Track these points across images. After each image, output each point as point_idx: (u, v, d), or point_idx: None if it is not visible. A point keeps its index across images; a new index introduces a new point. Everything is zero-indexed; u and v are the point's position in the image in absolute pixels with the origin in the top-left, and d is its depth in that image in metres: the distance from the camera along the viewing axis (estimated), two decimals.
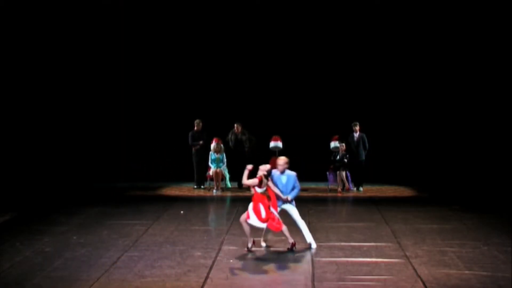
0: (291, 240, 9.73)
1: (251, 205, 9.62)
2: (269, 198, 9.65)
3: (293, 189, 10.11)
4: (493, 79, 17.14)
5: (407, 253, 9.57)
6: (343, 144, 15.95)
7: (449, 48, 17.44)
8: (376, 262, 9.11)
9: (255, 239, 9.86)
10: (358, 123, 16.21)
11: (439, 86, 17.69)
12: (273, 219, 9.52)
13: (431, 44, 17.51)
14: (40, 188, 15.66)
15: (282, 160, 10.14)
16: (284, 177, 10.07)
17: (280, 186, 10.05)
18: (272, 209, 9.58)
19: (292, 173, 10.16)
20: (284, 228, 9.68)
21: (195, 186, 16.58)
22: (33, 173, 16.48)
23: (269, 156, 16.58)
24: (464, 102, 17.46)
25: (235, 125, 16.51)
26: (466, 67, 17.37)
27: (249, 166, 9.69)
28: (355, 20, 17.62)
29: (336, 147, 16.04)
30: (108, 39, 17.73)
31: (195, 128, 16.51)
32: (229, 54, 17.97)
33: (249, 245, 9.70)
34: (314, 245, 9.94)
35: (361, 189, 16.09)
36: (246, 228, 9.69)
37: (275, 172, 10.00)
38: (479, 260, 9.17)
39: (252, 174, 9.77)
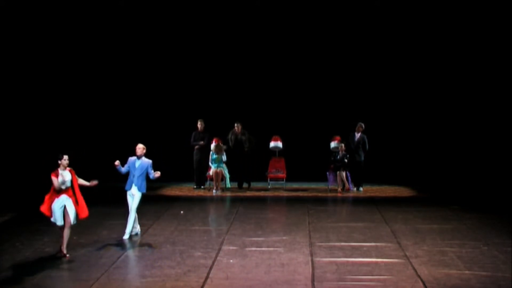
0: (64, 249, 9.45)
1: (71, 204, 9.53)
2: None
3: (146, 175, 10.72)
4: (493, 79, 17.14)
5: (407, 253, 9.57)
6: (343, 144, 15.94)
7: (449, 48, 17.44)
8: (376, 262, 9.11)
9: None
10: (362, 124, 16.20)
11: (438, 86, 17.69)
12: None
13: (431, 44, 17.51)
14: (40, 188, 15.62)
15: (140, 145, 10.77)
16: (138, 161, 10.71)
17: (132, 168, 10.71)
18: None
19: (148, 161, 10.75)
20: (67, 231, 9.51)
21: (195, 186, 16.58)
22: (33, 173, 16.46)
23: (269, 156, 16.82)
24: (463, 102, 17.46)
25: (235, 124, 16.52)
26: (466, 67, 17.37)
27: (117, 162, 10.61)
28: (356, 21, 17.61)
29: (336, 147, 16.04)
30: (109, 40, 17.71)
31: (198, 128, 16.51)
32: (230, 54, 17.96)
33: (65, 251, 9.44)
34: (126, 237, 10.53)
35: (361, 189, 16.09)
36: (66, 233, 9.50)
37: (132, 157, 10.75)
38: (479, 260, 9.18)
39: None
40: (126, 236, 10.58)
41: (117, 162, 10.65)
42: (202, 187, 16.55)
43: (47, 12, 16.89)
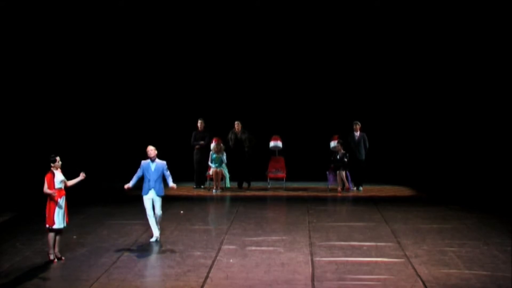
0: (51, 256, 9.24)
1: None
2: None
3: (162, 177, 10.57)
4: (493, 79, 17.12)
5: (407, 253, 9.58)
6: (339, 144, 15.93)
7: (449, 48, 17.43)
8: (376, 262, 9.11)
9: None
10: (359, 123, 16.21)
11: (438, 86, 17.69)
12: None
13: (431, 44, 17.50)
14: (40, 188, 15.62)
15: (151, 147, 10.59)
16: (153, 164, 10.51)
17: (149, 172, 10.47)
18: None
19: (163, 162, 10.60)
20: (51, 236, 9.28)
21: (195, 186, 16.58)
22: (33, 173, 16.44)
23: (269, 156, 16.81)
24: (463, 102, 17.45)
25: (235, 123, 16.52)
26: (466, 67, 17.36)
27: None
28: (355, 21, 17.61)
29: (335, 147, 16.04)
30: (110, 40, 17.70)
31: (198, 128, 16.51)
32: (230, 54, 17.97)
33: (52, 256, 9.22)
34: (156, 239, 10.41)
35: (361, 188, 16.09)
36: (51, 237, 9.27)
37: (145, 161, 10.54)
38: (479, 260, 9.18)
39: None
40: (156, 239, 10.44)
41: (127, 186, 10.53)
42: (202, 187, 16.56)
43: (47, 12, 16.86)
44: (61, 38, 17.29)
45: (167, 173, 10.57)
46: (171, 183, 10.64)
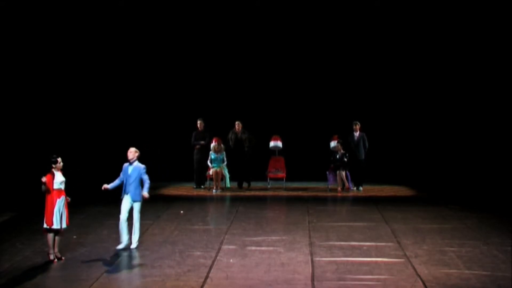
0: (51, 256, 9.20)
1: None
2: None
3: (140, 183, 10.00)
4: (492, 79, 17.13)
5: (407, 253, 9.58)
6: (339, 144, 15.94)
7: (449, 48, 17.43)
8: (376, 262, 9.11)
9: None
10: (358, 123, 16.22)
11: (438, 87, 17.69)
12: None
13: (431, 44, 17.51)
14: (39, 188, 15.60)
15: (132, 149, 10.17)
16: (131, 167, 10.02)
17: (126, 175, 10.00)
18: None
19: (140, 166, 10.05)
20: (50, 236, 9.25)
21: (195, 186, 16.59)
22: (33, 173, 16.42)
23: (269, 156, 16.82)
24: (463, 102, 17.46)
25: (236, 123, 16.53)
26: (465, 67, 17.36)
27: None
28: (355, 21, 17.62)
29: (335, 147, 16.05)
30: (109, 40, 17.70)
31: (198, 128, 16.52)
32: (230, 54, 17.98)
33: (52, 257, 9.20)
34: (133, 246, 9.92)
35: (360, 188, 16.10)
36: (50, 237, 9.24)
37: (126, 163, 10.09)
38: (478, 260, 9.18)
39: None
40: (134, 245, 9.94)
41: (104, 186, 10.07)
42: (202, 186, 16.56)
43: (47, 12, 16.86)
44: (61, 39, 17.28)
45: (145, 177, 9.98)
46: (145, 191, 9.96)
